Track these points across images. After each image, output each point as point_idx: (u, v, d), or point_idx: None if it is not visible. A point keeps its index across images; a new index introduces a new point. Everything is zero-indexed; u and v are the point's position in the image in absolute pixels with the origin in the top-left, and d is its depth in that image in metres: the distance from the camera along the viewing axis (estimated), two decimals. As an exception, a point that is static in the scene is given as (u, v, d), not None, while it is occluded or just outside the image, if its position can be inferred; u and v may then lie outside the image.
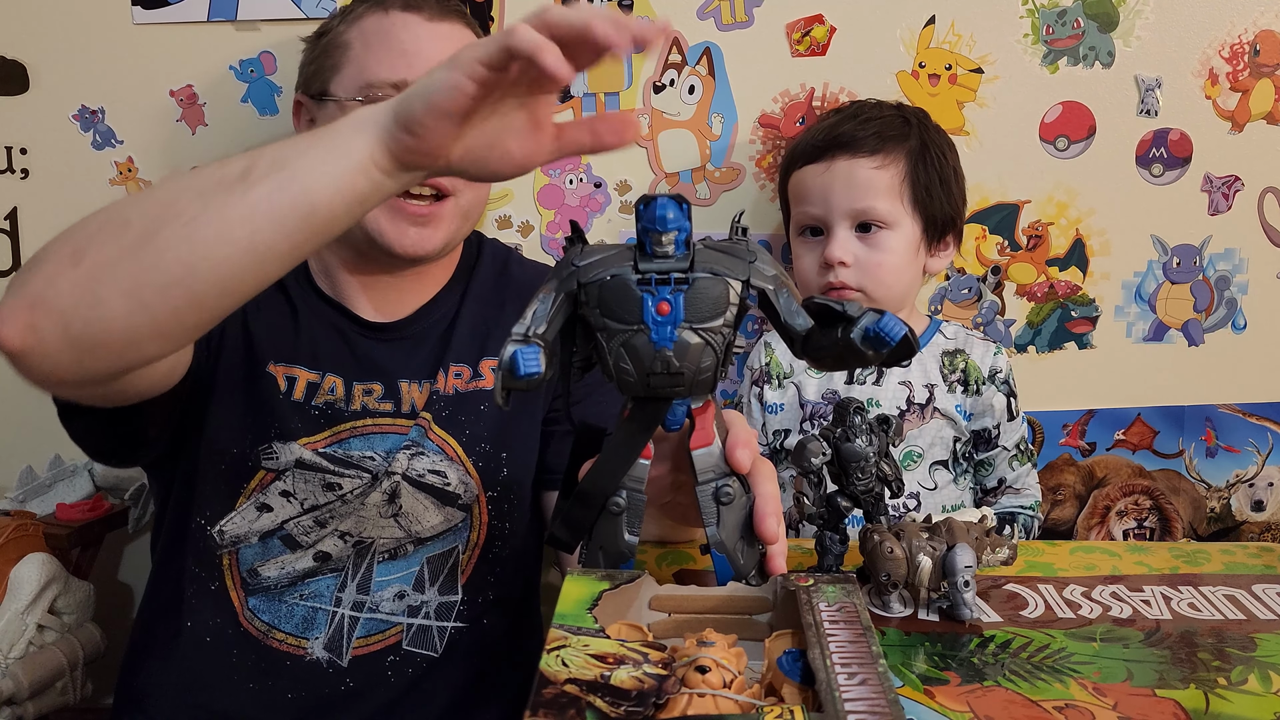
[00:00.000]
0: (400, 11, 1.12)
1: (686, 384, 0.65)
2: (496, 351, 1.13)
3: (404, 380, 1.17)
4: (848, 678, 0.53)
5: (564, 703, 0.50)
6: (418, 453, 1.15)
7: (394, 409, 1.16)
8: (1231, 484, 1.68)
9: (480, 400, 1.18)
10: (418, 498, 1.15)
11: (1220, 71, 1.55)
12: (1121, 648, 0.76)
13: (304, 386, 1.14)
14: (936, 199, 1.37)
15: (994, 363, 1.38)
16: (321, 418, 1.14)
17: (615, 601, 0.63)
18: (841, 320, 0.64)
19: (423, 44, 1.10)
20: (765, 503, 0.71)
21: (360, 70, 1.11)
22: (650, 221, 0.63)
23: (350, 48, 1.12)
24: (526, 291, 1.20)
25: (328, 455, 1.13)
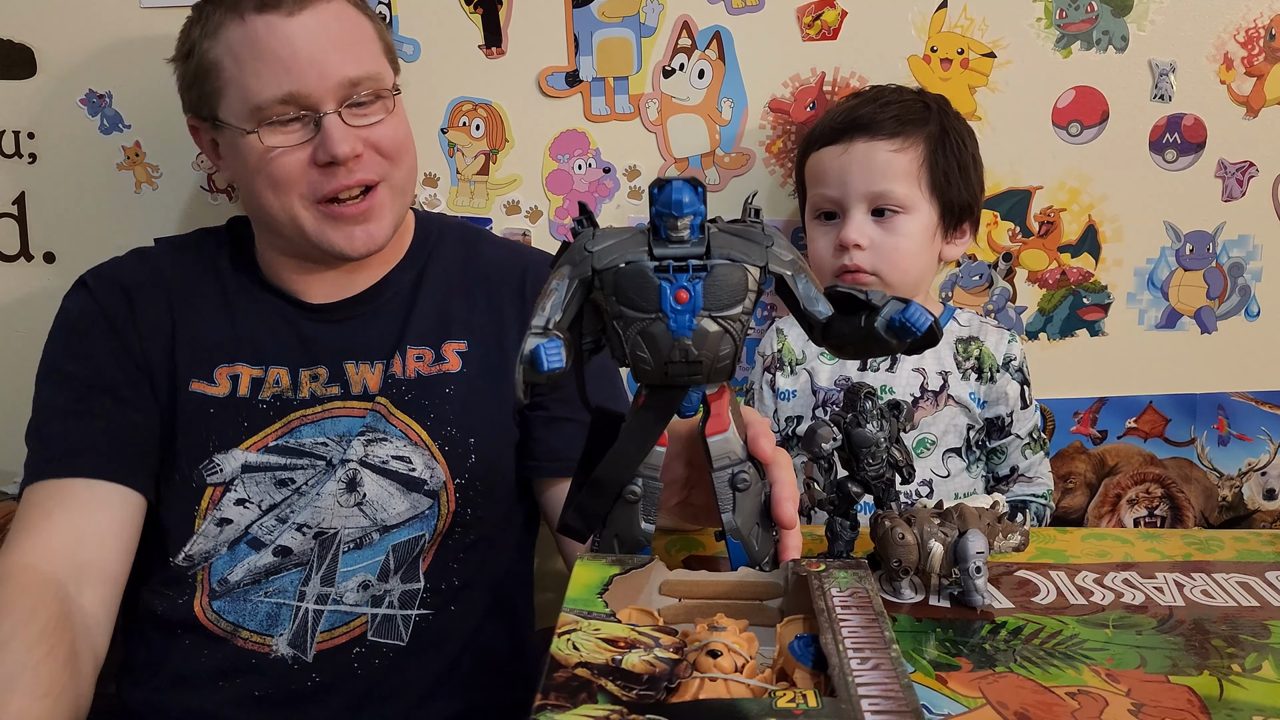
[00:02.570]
0: (256, 15, 1.04)
1: (705, 372, 0.64)
2: (460, 335, 1.17)
3: (350, 362, 1.14)
4: (860, 662, 0.52)
5: (575, 686, 0.50)
6: (378, 438, 1.12)
7: (342, 392, 1.13)
8: (1244, 472, 1.67)
9: (444, 384, 1.15)
10: (381, 484, 1.12)
11: (1235, 56, 1.54)
12: (1134, 634, 0.76)
13: (248, 383, 1.12)
14: (955, 185, 1.36)
15: (1008, 350, 1.38)
16: (270, 410, 1.12)
17: (626, 586, 0.63)
18: (864, 308, 0.63)
19: (296, 45, 1.04)
20: (783, 488, 0.71)
21: (243, 93, 1.05)
22: (665, 205, 0.62)
23: (222, 68, 1.06)
24: (499, 274, 1.22)
25: (278, 448, 1.11)
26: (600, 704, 0.49)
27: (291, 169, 1.07)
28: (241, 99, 1.05)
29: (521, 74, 1.51)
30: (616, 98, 1.52)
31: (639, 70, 1.51)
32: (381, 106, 1.10)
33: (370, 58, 1.10)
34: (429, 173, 1.53)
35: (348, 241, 1.10)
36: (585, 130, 1.53)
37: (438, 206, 1.55)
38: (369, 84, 1.08)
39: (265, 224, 1.13)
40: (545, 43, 1.50)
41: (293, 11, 1.04)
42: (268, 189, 1.08)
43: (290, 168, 1.07)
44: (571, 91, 1.52)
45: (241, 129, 1.06)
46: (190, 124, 1.15)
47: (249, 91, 1.04)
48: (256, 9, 1.04)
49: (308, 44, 1.04)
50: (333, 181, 1.07)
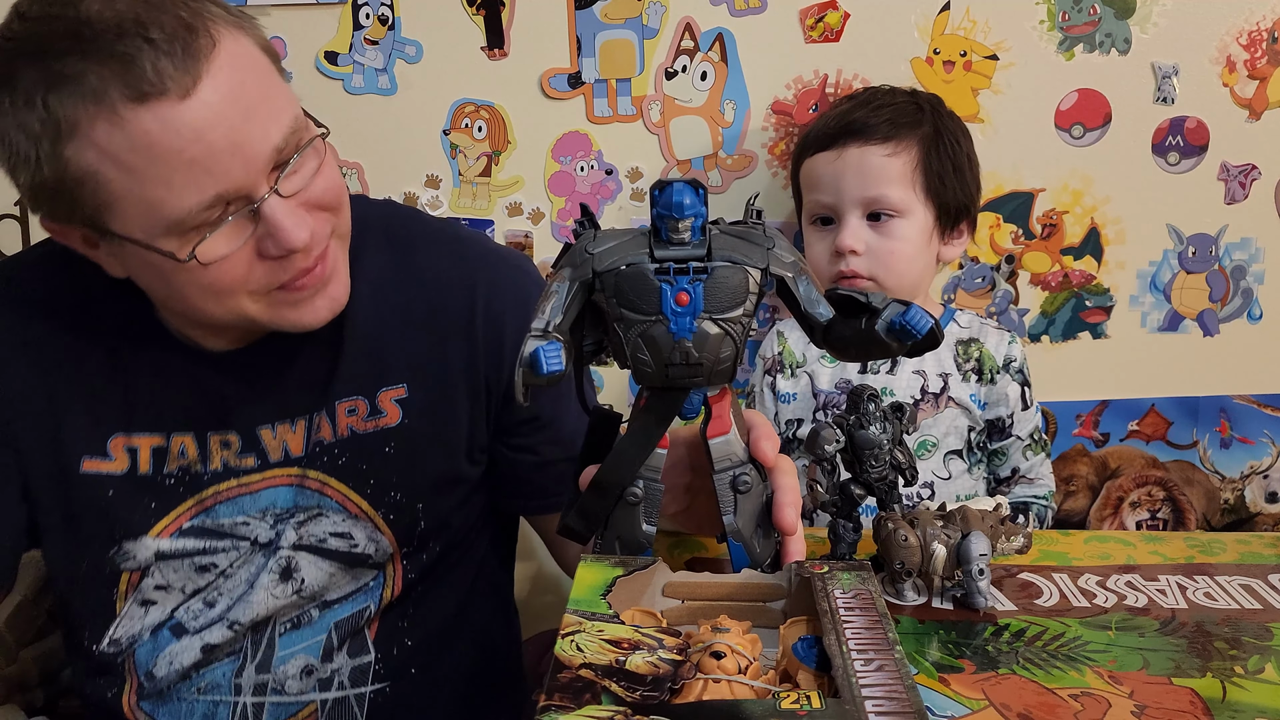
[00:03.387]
0: (137, 107, 0.74)
1: (705, 374, 0.64)
2: (398, 377, 0.97)
3: (265, 426, 0.95)
4: (864, 664, 0.52)
5: (579, 687, 0.50)
6: (314, 515, 0.96)
7: (259, 462, 0.95)
8: (1246, 475, 1.67)
9: (383, 443, 0.97)
10: (320, 565, 0.97)
11: (1238, 59, 1.53)
12: (1137, 636, 0.76)
13: (149, 456, 0.94)
14: (950, 187, 1.35)
15: (1009, 351, 1.37)
16: (179, 487, 0.94)
17: (629, 588, 0.63)
18: (865, 311, 0.63)
19: (207, 136, 0.76)
20: (784, 493, 0.71)
21: (149, 207, 0.78)
22: (666, 207, 0.62)
23: (105, 179, 0.77)
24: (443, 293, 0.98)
25: (195, 530, 0.95)
26: (604, 705, 0.49)
27: (236, 272, 0.83)
28: (147, 213, 0.78)
29: (524, 75, 1.51)
30: (619, 99, 1.52)
31: (641, 72, 1.51)
32: (312, 153, 0.85)
33: (284, 103, 0.83)
34: (431, 174, 1.54)
35: (312, 315, 0.89)
36: (587, 132, 1.53)
37: (440, 208, 1.55)
38: (293, 138, 0.83)
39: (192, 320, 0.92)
40: (547, 44, 1.50)
41: (186, 91, 0.75)
42: (205, 298, 0.84)
43: (234, 271, 0.83)
44: (574, 93, 1.52)
45: (154, 247, 0.80)
46: (45, 225, 0.86)
47: (160, 205, 0.78)
48: (134, 98, 0.74)
49: (220, 128, 0.77)
50: (289, 270, 0.85)
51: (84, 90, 0.74)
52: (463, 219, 1.55)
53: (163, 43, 0.74)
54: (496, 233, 1.56)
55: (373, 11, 1.47)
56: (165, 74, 0.74)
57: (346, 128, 1.51)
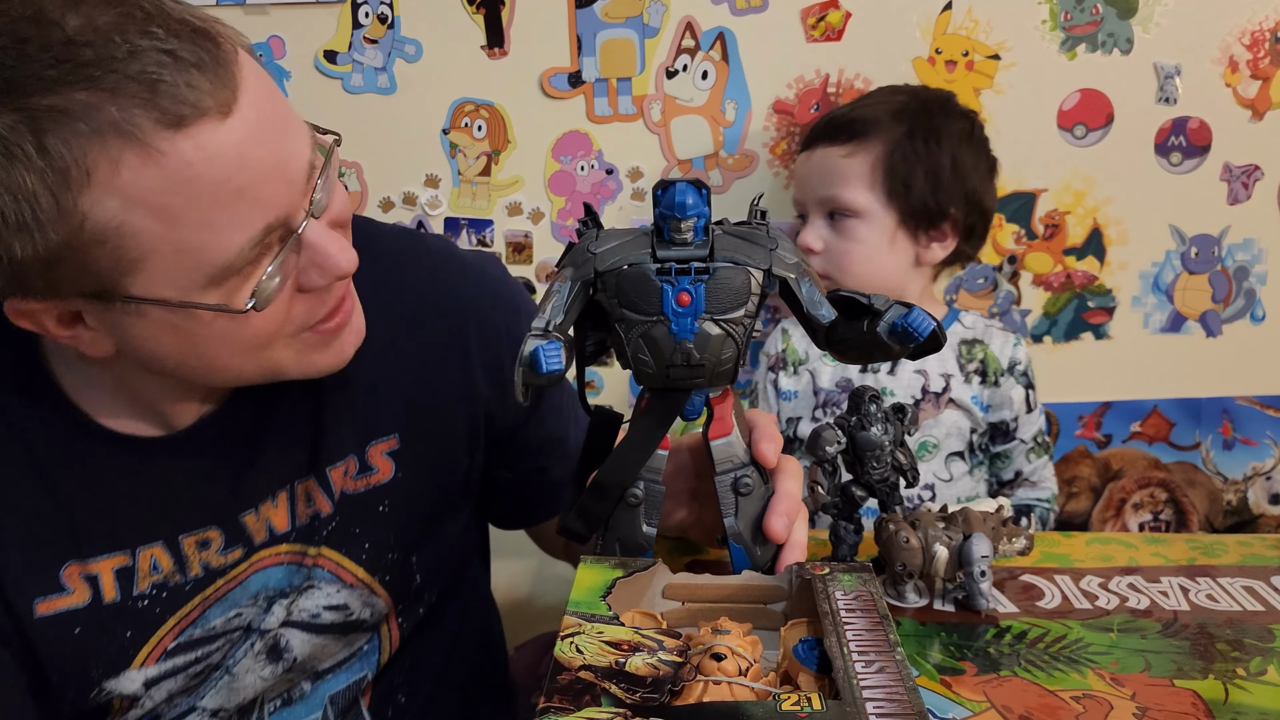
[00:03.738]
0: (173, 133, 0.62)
1: (707, 375, 0.64)
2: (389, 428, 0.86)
3: (249, 512, 0.82)
4: (865, 665, 0.52)
5: (579, 689, 0.50)
6: (304, 590, 0.85)
7: (245, 551, 0.82)
8: (1249, 477, 1.66)
9: (376, 502, 0.86)
10: (312, 640, 0.87)
11: (1240, 59, 1.53)
12: (1139, 638, 0.75)
13: (113, 581, 0.78)
14: (917, 190, 1.32)
15: (1013, 354, 1.37)
16: (156, 606, 0.80)
17: (629, 589, 0.63)
18: (867, 313, 0.62)
19: (250, 157, 0.65)
20: (779, 500, 0.70)
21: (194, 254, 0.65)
22: (669, 208, 0.62)
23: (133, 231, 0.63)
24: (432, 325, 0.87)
25: (184, 645, 0.82)
26: (604, 706, 0.49)
27: (279, 315, 0.71)
28: (186, 264, 0.65)
29: (524, 75, 1.51)
30: (619, 99, 1.51)
31: (642, 71, 1.51)
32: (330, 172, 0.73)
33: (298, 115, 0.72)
34: (430, 173, 1.53)
35: (340, 354, 0.78)
36: (588, 131, 1.53)
37: (439, 208, 1.54)
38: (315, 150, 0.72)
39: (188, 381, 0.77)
40: (548, 43, 1.49)
41: (227, 108, 0.64)
42: (240, 355, 0.72)
43: (278, 315, 0.71)
44: (574, 92, 1.51)
45: (195, 304, 0.67)
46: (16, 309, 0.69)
47: (202, 251, 0.65)
48: (170, 124, 0.61)
49: (263, 146, 0.66)
50: (327, 303, 0.75)
51: (99, 125, 0.60)
52: (462, 219, 1.55)
53: (186, 54, 0.62)
54: (496, 232, 1.56)
55: (372, 10, 1.47)
56: (203, 91, 0.62)
57: (346, 127, 1.48)
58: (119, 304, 0.67)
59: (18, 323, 0.70)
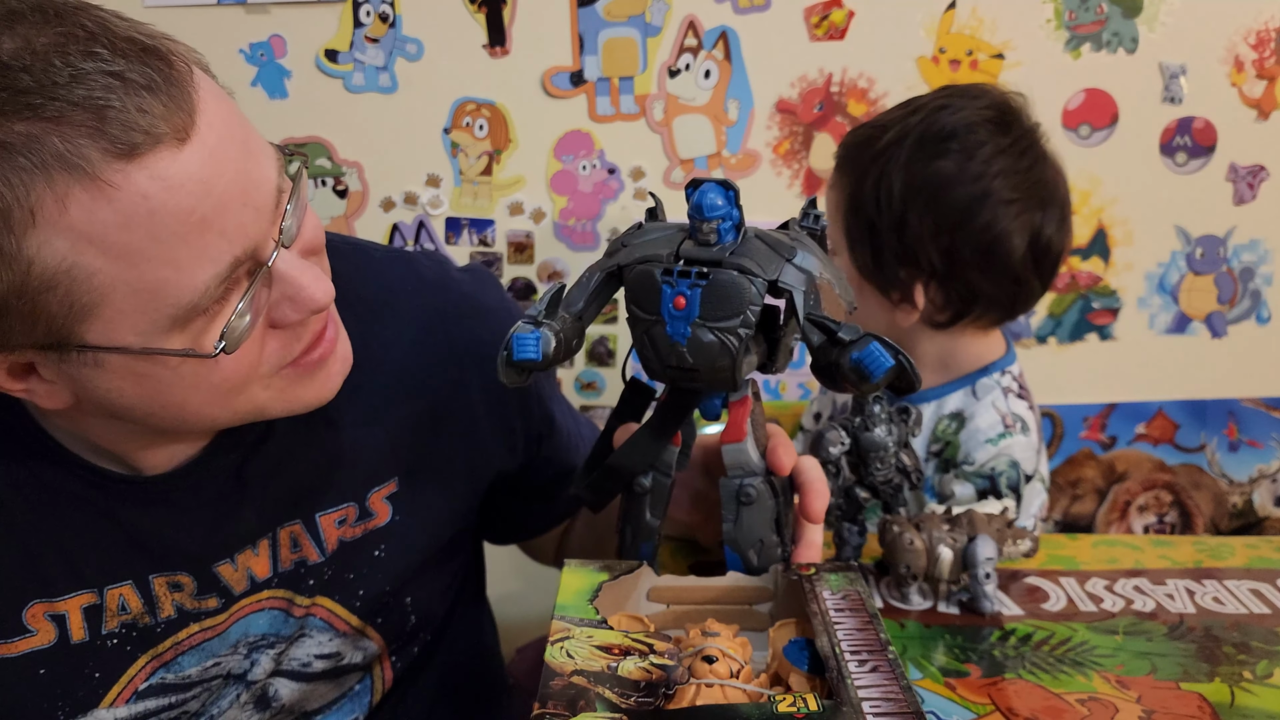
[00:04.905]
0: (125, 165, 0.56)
1: (703, 379, 0.64)
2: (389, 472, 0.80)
3: (225, 562, 0.76)
4: (858, 665, 0.52)
5: (573, 694, 0.49)
6: (295, 639, 0.81)
7: (222, 601, 0.76)
8: (1254, 479, 1.65)
9: (372, 546, 0.82)
10: (302, 687, 0.83)
11: (1246, 58, 1.52)
12: (1145, 641, 0.75)
13: (80, 620, 0.73)
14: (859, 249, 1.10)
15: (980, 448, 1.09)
16: (125, 645, 0.75)
17: (614, 593, 0.62)
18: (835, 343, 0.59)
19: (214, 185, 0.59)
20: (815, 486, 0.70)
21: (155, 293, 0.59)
22: (695, 208, 0.61)
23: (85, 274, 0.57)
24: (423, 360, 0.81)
25: (155, 688, 0.77)
26: (599, 712, 0.48)
27: (251, 356, 0.65)
28: (146, 306, 0.59)
29: (526, 74, 1.50)
30: (622, 98, 1.51)
31: (644, 70, 1.50)
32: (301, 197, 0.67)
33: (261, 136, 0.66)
34: (432, 173, 1.53)
35: (328, 385, 0.72)
36: (590, 131, 1.52)
37: (441, 208, 1.54)
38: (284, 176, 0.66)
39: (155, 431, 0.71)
40: (550, 42, 1.49)
41: (184, 133, 0.58)
42: (213, 402, 0.66)
43: (250, 356, 0.65)
44: (576, 91, 1.51)
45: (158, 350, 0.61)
46: None
47: (164, 290, 0.59)
48: (121, 154, 0.56)
49: (226, 173, 0.60)
50: (304, 338, 0.68)
51: (43, 159, 0.54)
52: (464, 218, 1.54)
53: (135, 75, 0.56)
54: (498, 232, 1.56)
55: (373, 9, 1.47)
56: (156, 115, 0.56)
57: (347, 126, 1.50)
58: (74, 354, 0.61)
59: None
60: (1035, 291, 1.12)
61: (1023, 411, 1.12)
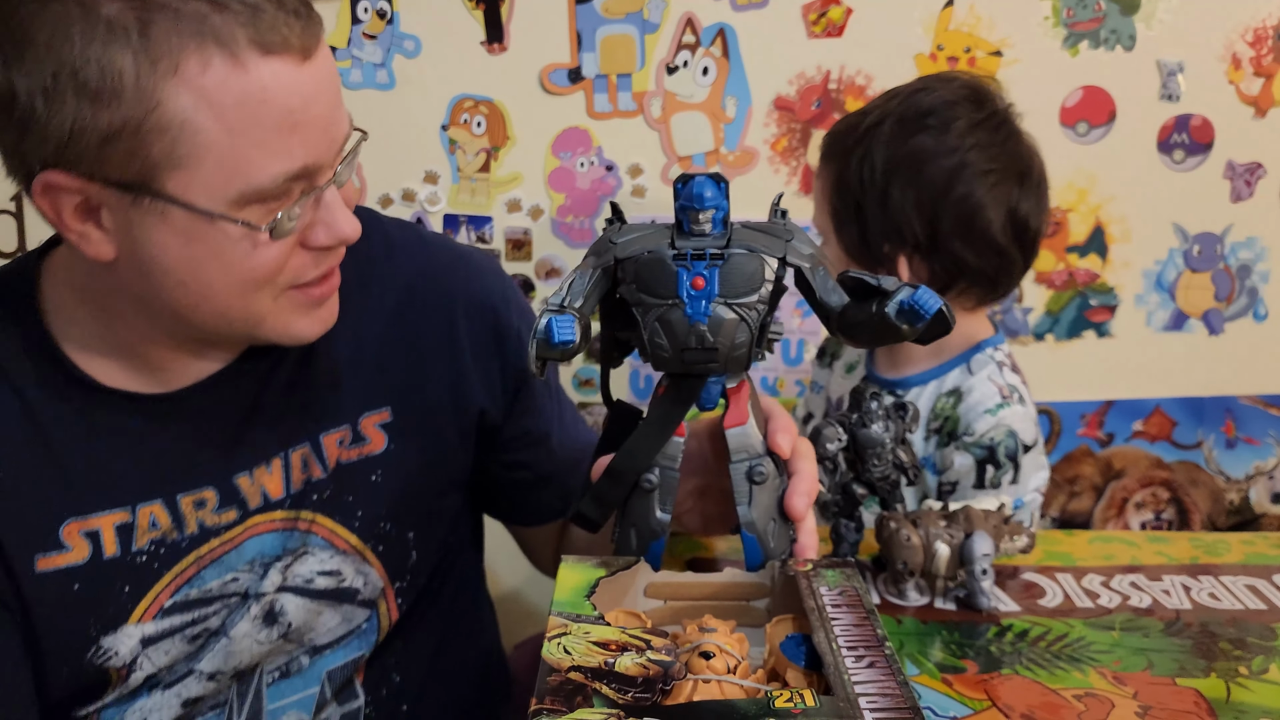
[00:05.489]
0: (260, 58, 0.68)
1: (721, 359, 0.65)
2: (381, 401, 0.89)
3: (243, 474, 0.84)
4: (855, 660, 0.52)
5: (570, 690, 0.49)
6: (300, 555, 0.87)
7: (240, 514, 0.84)
8: (1251, 476, 1.66)
9: (369, 471, 0.88)
10: (308, 606, 0.88)
11: (1244, 56, 1.52)
12: (1141, 637, 0.75)
13: (114, 536, 0.80)
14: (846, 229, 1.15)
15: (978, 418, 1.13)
16: (154, 562, 0.82)
17: (611, 589, 0.63)
18: (876, 294, 0.63)
19: (311, 105, 0.71)
20: (800, 480, 0.70)
21: (236, 170, 0.69)
22: (688, 199, 0.64)
23: (195, 130, 0.68)
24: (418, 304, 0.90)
25: (180, 605, 0.83)
26: (597, 707, 0.48)
27: (279, 260, 0.75)
28: (229, 179, 0.70)
29: (523, 70, 1.50)
30: (619, 95, 1.51)
31: (642, 67, 1.50)
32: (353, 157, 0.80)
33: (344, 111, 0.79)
34: (429, 170, 1.53)
35: (309, 327, 0.80)
36: (588, 127, 1.52)
37: (439, 204, 1.54)
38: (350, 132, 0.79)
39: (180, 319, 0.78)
40: (547, 39, 1.49)
41: (307, 53, 0.71)
42: (236, 291, 0.75)
43: (278, 260, 0.75)
44: (574, 88, 1.51)
45: (216, 214, 0.71)
46: (49, 183, 0.70)
47: (247, 170, 0.70)
48: (259, 47, 0.68)
49: (324, 100, 0.73)
50: (321, 266, 0.78)
51: (202, 29, 0.66)
52: (461, 215, 1.55)
53: (289, 2, 0.70)
54: (495, 229, 1.56)
55: (371, 6, 1.46)
56: (293, 32, 0.69)
57: (345, 123, 1.50)
58: (147, 201, 0.70)
59: (38, 203, 0.72)
60: (1017, 267, 1.16)
61: (1018, 383, 1.16)
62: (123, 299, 0.78)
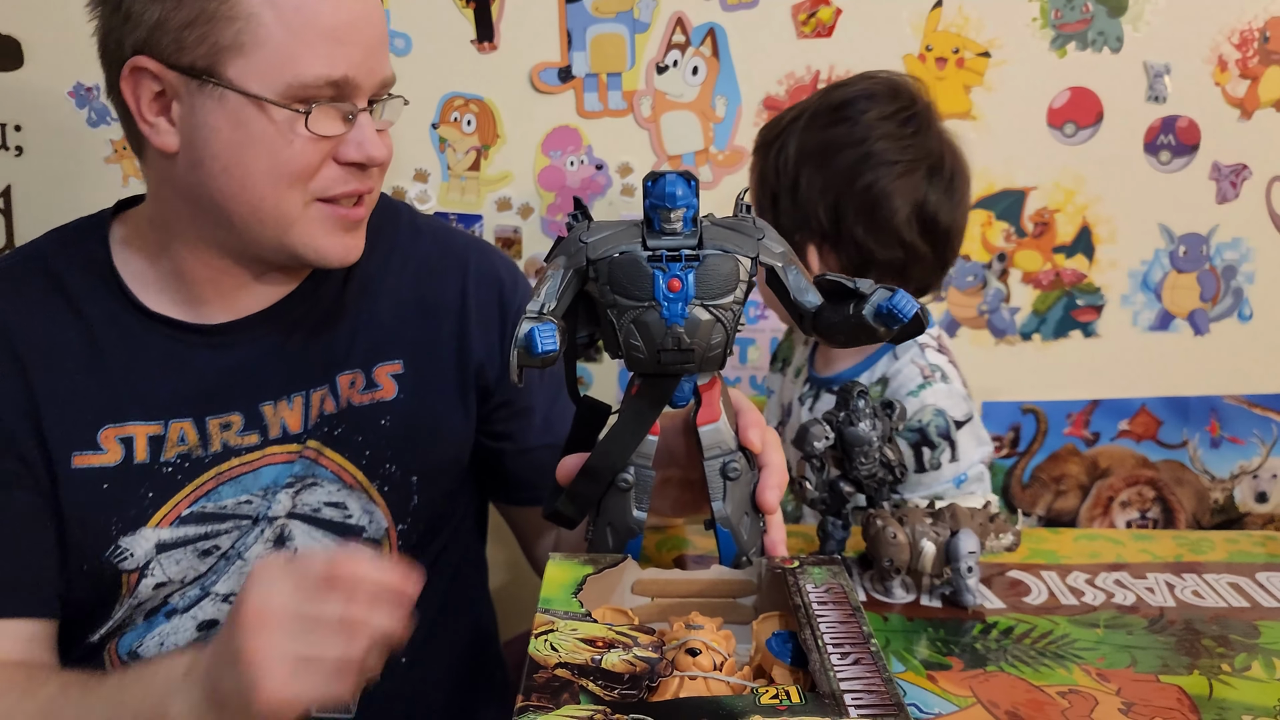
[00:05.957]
0: None
1: (697, 360, 0.65)
2: (394, 354, 0.97)
3: (268, 403, 0.94)
4: (841, 657, 0.52)
5: (556, 686, 0.50)
6: (309, 484, 0.95)
7: (261, 440, 0.93)
8: (1236, 475, 1.67)
9: (379, 415, 0.97)
10: (314, 535, 0.95)
11: (1230, 58, 1.53)
12: (1125, 634, 0.75)
13: (146, 444, 0.90)
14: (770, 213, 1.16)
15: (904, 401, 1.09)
16: (178, 474, 0.91)
17: (599, 586, 0.63)
18: (853, 297, 0.64)
19: (359, 28, 0.85)
20: (770, 473, 0.71)
21: (287, 61, 0.82)
22: (659, 198, 0.63)
23: (259, 23, 0.82)
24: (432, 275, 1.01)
25: (196, 515, 0.92)
26: (583, 704, 0.48)
27: (312, 160, 0.86)
28: (279, 69, 0.83)
29: (514, 69, 1.50)
30: (609, 94, 1.51)
31: (632, 66, 1.50)
32: (391, 114, 0.94)
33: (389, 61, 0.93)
34: (419, 168, 1.53)
35: (334, 249, 0.90)
36: (578, 126, 1.52)
37: (428, 203, 1.54)
38: (389, 88, 0.93)
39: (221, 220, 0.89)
40: (538, 38, 1.49)
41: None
42: (270, 179, 0.86)
43: (312, 158, 0.86)
44: (564, 87, 1.51)
45: (265, 99, 0.83)
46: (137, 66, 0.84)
47: (297, 63, 0.83)
48: None
49: (367, 30, 0.86)
50: (349, 184, 0.89)
51: None
52: (451, 214, 1.54)
53: None
54: (485, 227, 1.55)
55: (361, 3, 1.46)
56: None
57: (334, 121, 1.49)
58: (210, 87, 0.83)
59: (123, 89, 0.84)
60: (927, 263, 1.16)
61: (941, 363, 1.16)
62: (176, 218, 0.90)
